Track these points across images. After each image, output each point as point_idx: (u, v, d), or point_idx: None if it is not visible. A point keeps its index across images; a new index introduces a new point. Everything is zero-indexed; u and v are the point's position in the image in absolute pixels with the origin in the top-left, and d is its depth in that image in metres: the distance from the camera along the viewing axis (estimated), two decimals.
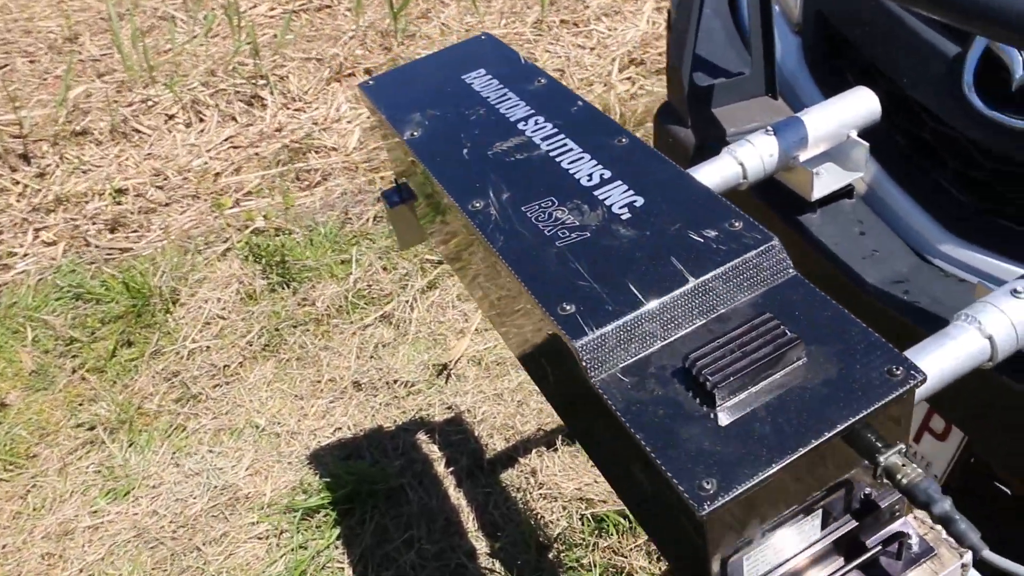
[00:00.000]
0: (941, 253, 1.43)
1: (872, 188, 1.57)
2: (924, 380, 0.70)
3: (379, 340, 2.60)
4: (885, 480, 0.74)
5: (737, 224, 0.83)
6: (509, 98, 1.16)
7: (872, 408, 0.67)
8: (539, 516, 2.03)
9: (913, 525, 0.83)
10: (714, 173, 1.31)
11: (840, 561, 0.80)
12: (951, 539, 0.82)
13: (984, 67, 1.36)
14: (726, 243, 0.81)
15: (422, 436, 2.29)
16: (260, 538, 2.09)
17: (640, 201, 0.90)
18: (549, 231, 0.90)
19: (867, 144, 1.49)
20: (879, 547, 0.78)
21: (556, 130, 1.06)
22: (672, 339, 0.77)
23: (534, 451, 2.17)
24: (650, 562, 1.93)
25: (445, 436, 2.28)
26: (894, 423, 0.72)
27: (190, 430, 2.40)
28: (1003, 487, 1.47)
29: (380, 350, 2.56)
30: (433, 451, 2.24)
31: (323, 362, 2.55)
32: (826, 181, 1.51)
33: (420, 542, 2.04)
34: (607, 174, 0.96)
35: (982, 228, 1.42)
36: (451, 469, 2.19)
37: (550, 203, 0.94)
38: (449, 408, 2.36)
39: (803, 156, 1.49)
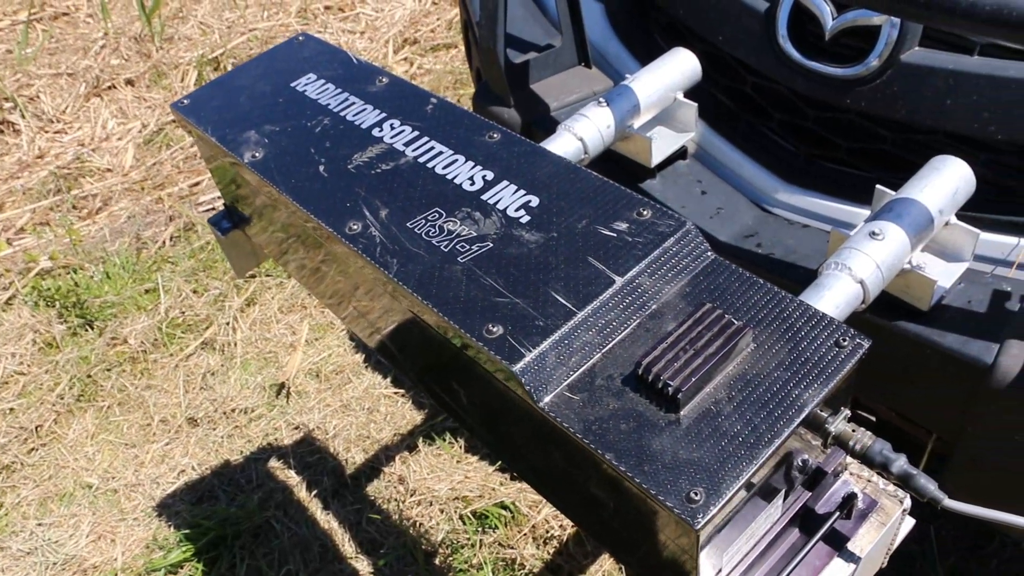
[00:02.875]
0: (781, 203, 1.48)
1: (701, 146, 1.59)
2: (870, 345, 0.70)
3: (206, 369, 2.42)
4: (836, 448, 0.75)
5: (645, 212, 0.80)
6: (353, 103, 1.07)
7: (833, 384, 0.67)
8: (418, 524, 1.97)
9: (852, 481, 0.84)
10: (556, 152, 1.28)
11: (796, 533, 0.80)
12: (889, 488, 0.84)
13: (795, 19, 1.41)
14: (640, 234, 0.78)
15: (275, 463, 2.16)
16: None
17: (535, 200, 0.85)
18: (446, 247, 0.83)
19: (695, 104, 1.51)
20: (837, 513, 0.78)
21: (417, 132, 0.99)
22: (611, 345, 0.73)
23: (397, 458, 2.10)
24: (538, 548, 1.91)
25: (300, 458, 2.16)
26: (842, 391, 0.72)
27: (9, 505, 2.14)
28: (868, 415, 1.55)
29: (209, 379, 2.39)
30: (291, 476, 2.12)
31: (149, 403, 2.34)
32: (661, 145, 1.53)
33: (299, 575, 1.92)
34: (489, 175, 0.90)
35: (815, 174, 1.47)
36: (314, 492, 2.08)
37: (437, 215, 0.87)
38: (297, 428, 2.24)
39: (637, 123, 1.49)
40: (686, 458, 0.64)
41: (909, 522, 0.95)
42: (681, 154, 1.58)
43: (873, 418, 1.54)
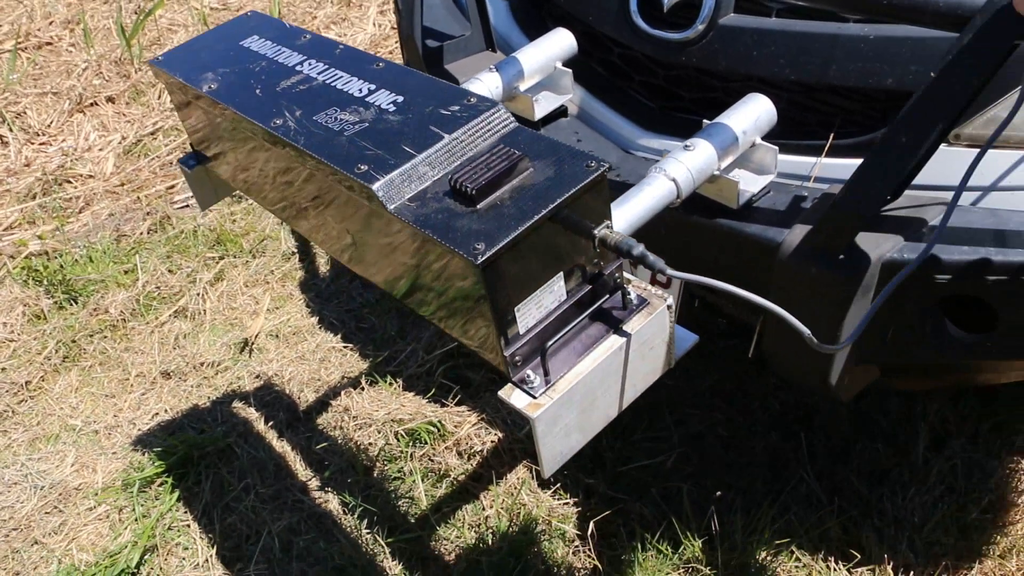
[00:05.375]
0: (641, 146, 1.85)
1: (581, 107, 1.97)
2: (610, 167, 1.06)
3: (178, 332, 2.75)
4: (601, 248, 1.10)
5: (472, 99, 1.17)
6: (283, 51, 1.44)
7: (579, 186, 1.03)
8: (358, 443, 2.30)
9: (630, 288, 1.19)
10: None
11: (586, 321, 1.15)
12: (656, 291, 1.20)
13: None
14: (466, 111, 1.15)
15: (238, 404, 2.48)
16: (101, 519, 2.21)
17: (401, 99, 1.22)
18: (337, 128, 1.19)
19: (570, 71, 1.89)
20: (606, 297, 1.14)
21: (327, 66, 1.36)
22: (439, 176, 1.09)
23: (343, 393, 2.43)
24: (461, 459, 2.25)
25: (259, 399, 2.49)
26: (600, 205, 1.08)
27: (1, 446, 2.45)
28: (721, 319, 1.92)
29: (181, 340, 2.72)
30: (252, 414, 2.45)
31: (127, 362, 2.67)
32: (544, 104, 1.91)
33: (256, 488, 2.24)
34: (373, 87, 1.27)
35: (667, 122, 1.85)
36: (271, 424, 2.41)
37: (334, 111, 1.23)
38: (257, 377, 2.57)
39: (523, 87, 1.87)
40: (476, 229, 0.99)
41: (691, 337, 1.31)
42: (562, 113, 1.95)
43: (722, 317, 1.90)
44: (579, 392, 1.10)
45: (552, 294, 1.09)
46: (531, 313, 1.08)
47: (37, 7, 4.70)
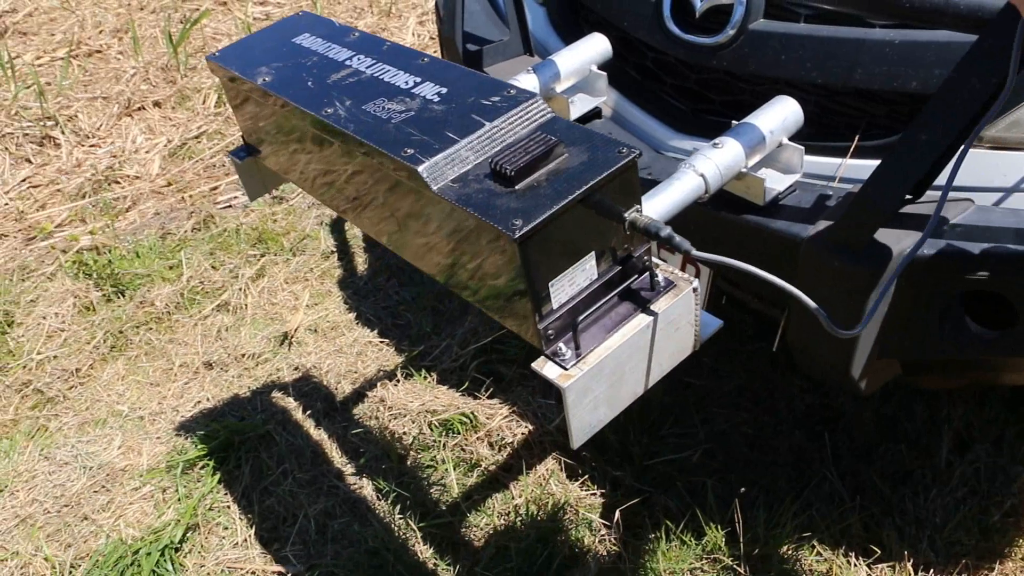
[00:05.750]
0: (672, 147, 1.92)
1: (615, 109, 2.04)
2: (640, 154, 1.13)
3: (221, 325, 2.85)
4: (630, 232, 1.17)
5: (511, 91, 1.25)
6: (333, 48, 1.53)
7: (612, 170, 1.10)
8: (393, 432, 2.37)
9: (658, 271, 1.26)
10: None
11: (616, 299, 1.22)
12: (683, 274, 1.26)
13: (676, 4, 1.86)
14: (506, 101, 1.22)
15: (277, 394, 2.57)
16: (146, 498, 2.31)
17: (445, 90, 1.30)
18: (385, 116, 1.27)
19: (605, 74, 1.96)
20: (635, 278, 1.21)
21: (375, 61, 1.44)
22: (480, 160, 1.17)
23: (379, 385, 2.51)
24: (491, 450, 2.32)
25: (298, 390, 2.57)
26: (630, 189, 1.15)
27: (53, 429, 2.56)
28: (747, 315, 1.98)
29: (224, 333, 2.82)
30: (290, 403, 2.53)
31: (171, 352, 2.77)
32: (579, 106, 1.98)
33: (294, 473, 2.33)
34: (418, 79, 1.35)
35: (698, 123, 1.92)
36: (309, 413, 2.49)
37: (383, 101, 1.31)
38: (296, 368, 2.66)
39: (559, 88, 1.94)
40: (515, 207, 1.06)
41: (716, 322, 1.37)
42: (597, 114, 2.03)
43: (748, 312, 1.96)
44: (608, 366, 1.17)
45: (584, 272, 1.16)
46: (564, 289, 1.15)
47: (88, 17, 4.87)
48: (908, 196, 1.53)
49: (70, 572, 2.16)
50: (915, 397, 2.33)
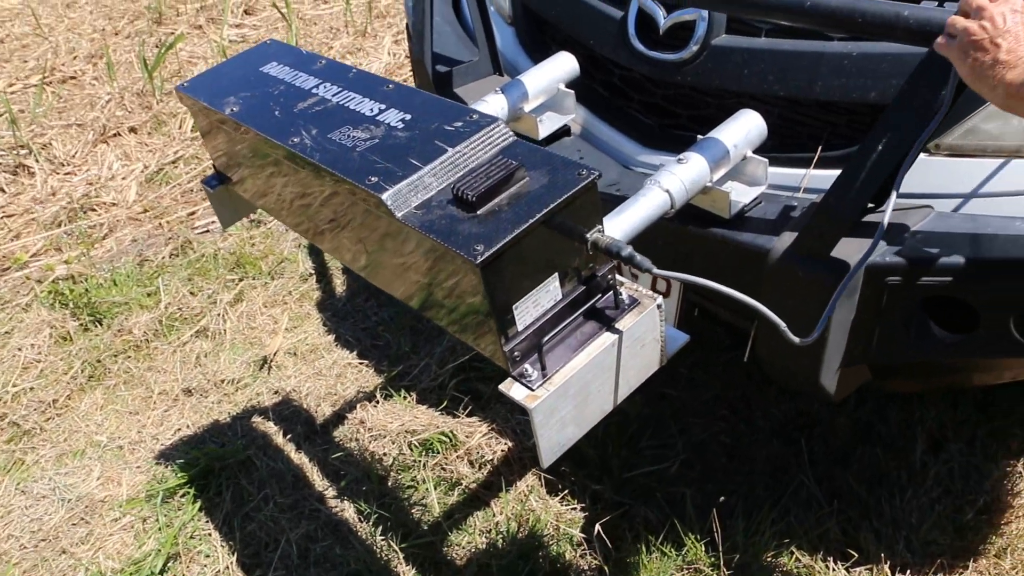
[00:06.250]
0: (640, 162, 1.95)
1: (584, 126, 2.07)
2: (600, 175, 1.15)
3: (200, 351, 2.85)
4: (593, 252, 1.19)
5: (474, 116, 1.27)
6: (300, 76, 1.54)
7: (572, 192, 1.12)
8: (373, 454, 2.38)
9: (622, 289, 1.28)
10: None
11: (581, 319, 1.24)
12: (646, 291, 1.28)
13: (640, 22, 1.89)
14: (468, 127, 1.24)
15: (257, 419, 2.57)
16: (125, 529, 2.30)
17: (408, 117, 1.32)
18: (350, 144, 1.29)
19: (573, 92, 1.99)
20: (599, 297, 1.23)
21: (341, 88, 1.46)
22: (443, 186, 1.19)
23: (359, 406, 2.52)
24: (472, 468, 2.33)
25: (278, 414, 2.58)
26: (592, 210, 1.17)
27: (30, 462, 2.55)
28: (712, 317, 2.00)
29: (203, 359, 2.82)
30: (270, 427, 2.53)
31: (150, 380, 2.77)
32: (547, 124, 2.00)
33: (275, 498, 2.33)
34: (383, 106, 1.37)
35: (665, 138, 1.95)
36: (289, 437, 2.49)
37: (348, 129, 1.33)
38: (276, 392, 2.66)
39: (528, 107, 1.96)
40: (477, 232, 1.08)
41: (682, 337, 1.39)
42: (566, 132, 2.05)
43: (720, 324, 1.98)
44: (574, 385, 1.19)
45: (548, 293, 1.18)
46: (529, 311, 1.16)
47: (62, 43, 4.86)
48: (870, 204, 1.56)
49: None
50: (889, 401, 2.36)
